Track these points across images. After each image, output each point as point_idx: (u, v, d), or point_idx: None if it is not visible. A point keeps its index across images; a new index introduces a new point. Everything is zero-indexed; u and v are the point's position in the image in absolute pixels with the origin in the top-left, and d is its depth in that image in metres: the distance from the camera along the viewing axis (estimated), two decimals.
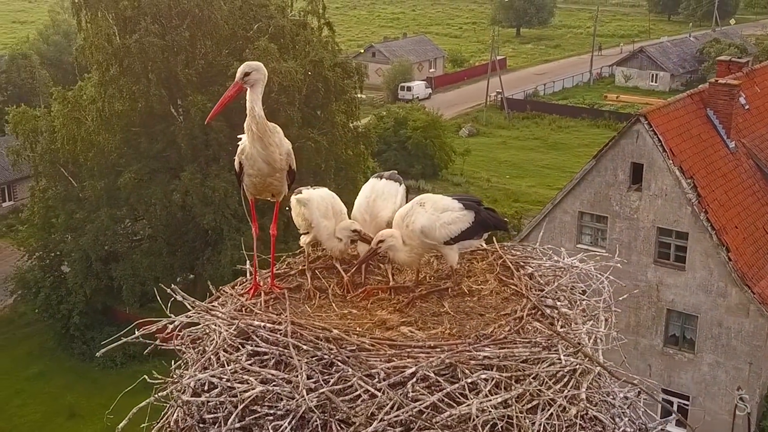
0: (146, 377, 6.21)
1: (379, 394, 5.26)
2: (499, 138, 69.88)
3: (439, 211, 6.77)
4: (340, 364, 5.47)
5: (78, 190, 36.94)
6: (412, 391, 5.30)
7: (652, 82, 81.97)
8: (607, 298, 6.75)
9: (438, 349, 5.62)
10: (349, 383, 5.37)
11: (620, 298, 7.29)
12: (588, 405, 5.65)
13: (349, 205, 7.53)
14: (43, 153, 36.78)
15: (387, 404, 5.21)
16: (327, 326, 5.90)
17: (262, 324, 6.01)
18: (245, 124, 6.45)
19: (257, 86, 6.43)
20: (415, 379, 5.36)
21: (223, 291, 6.97)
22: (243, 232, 32.52)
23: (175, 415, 6.04)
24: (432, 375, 5.37)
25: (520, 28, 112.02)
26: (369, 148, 41.90)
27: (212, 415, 5.72)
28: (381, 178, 7.69)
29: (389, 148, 53.79)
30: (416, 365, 5.42)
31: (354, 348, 5.63)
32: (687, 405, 28.55)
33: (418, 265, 7.07)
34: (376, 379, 5.35)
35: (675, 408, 29.45)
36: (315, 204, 7.13)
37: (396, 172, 7.87)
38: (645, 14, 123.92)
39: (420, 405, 5.21)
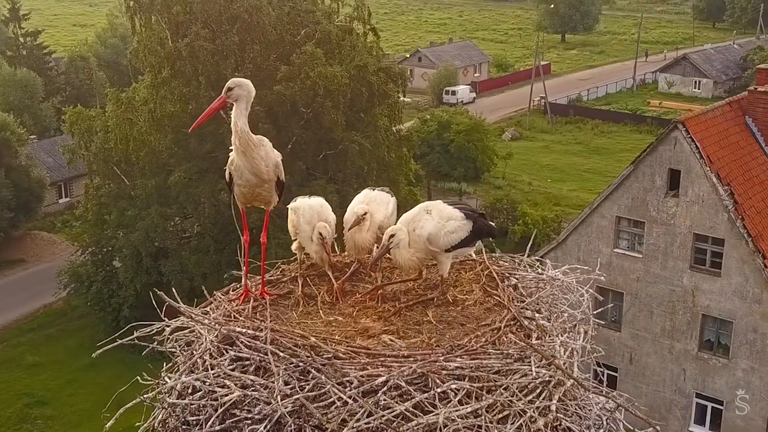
0: (139, 378, 6.32)
1: (351, 401, 5.28)
2: (541, 142, 69.59)
3: (444, 220, 6.87)
4: (313, 371, 5.50)
5: (130, 188, 37.43)
6: (384, 400, 5.31)
7: (695, 88, 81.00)
8: (586, 310, 6.70)
9: (411, 359, 5.62)
10: (324, 390, 5.40)
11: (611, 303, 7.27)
12: (561, 416, 5.60)
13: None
14: (97, 152, 37.32)
15: (358, 412, 5.23)
16: (305, 334, 5.93)
17: (244, 330, 6.08)
18: (232, 139, 6.55)
19: (241, 101, 6.50)
20: (386, 388, 5.37)
21: (218, 296, 7.06)
22: (286, 231, 32.71)
23: (161, 416, 6.12)
24: (403, 384, 5.37)
25: (565, 35, 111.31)
26: (411, 150, 41.97)
27: (195, 417, 5.79)
28: (373, 190, 7.83)
29: (432, 151, 53.63)
30: (388, 374, 5.43)
31: (330, 356, 5.66)
32: (721, 410, 28.29)
33: (418, 269, 7.08)
34: (349, 387, 5.37)
35: (708, 413, 29.19)
36: (301, 210, 7.35)
37: (388, 188, 7.96)
38: (690, 21, 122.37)
39: (388, 413, 5.21)
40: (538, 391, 5.55)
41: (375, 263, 7.04)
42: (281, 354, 5.70)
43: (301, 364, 5.59)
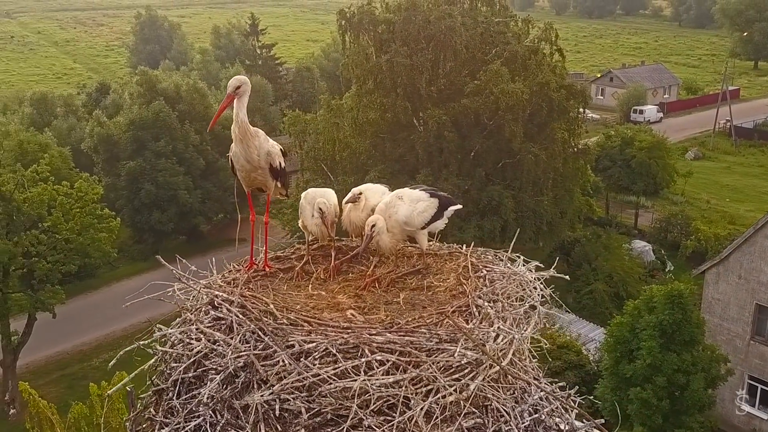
0: (156, 327, 6.65)
1: (287, 362, 5.46)
2: (723, 163, 65.93)
3: (414, 202, 7.16)
4: (261, 334, 5.69)
5: (333, 183, 38.63)
6: (315, 363, 5.44)
7: None
8: (535, 303, 6.48)
9: (349, 331, 5.70)
10: (270, 351, 5.59)
11: None
12: (493, 397, 5.52)
13: None
14: (308, 150, 38.75)
15: (292, 371, 5.39)
16: (267, 302, 6.13)
17: (219, 294, 6.37)
18: (232, 128, 6.79)
19: (244, 97, 6.78)
20: (317, 353, 5.49)
21: (233, 266, 7.42)
22: (463, 230, 32.86)
23: (153, 360, 6.49)
24: (335, 351, 5.47)
25: (758, 62, 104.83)
26: (588, 163, 41.05)
27: (176, 364, 6.09)
28: (374, 185, 8.01)
29: (614, 165, 51.91)
30: (321, 341, 5.56)
31: (282, 322, 5.83)
32: None
33: (395, 250, 7.31)
34: (287, 351, 5.54)
35: None
36: (304, 194, 7.67)
37: (387, 184, 8.09)
38: None
39: (311, 375, 5.33)
40: (465, 371, 5.50)
41: (364, 251, 7.24)
42: (240, 317, 5.94)
43: (252, 326, 5.80)
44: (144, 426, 6.19)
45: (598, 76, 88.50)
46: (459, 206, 7.71)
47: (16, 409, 32.00)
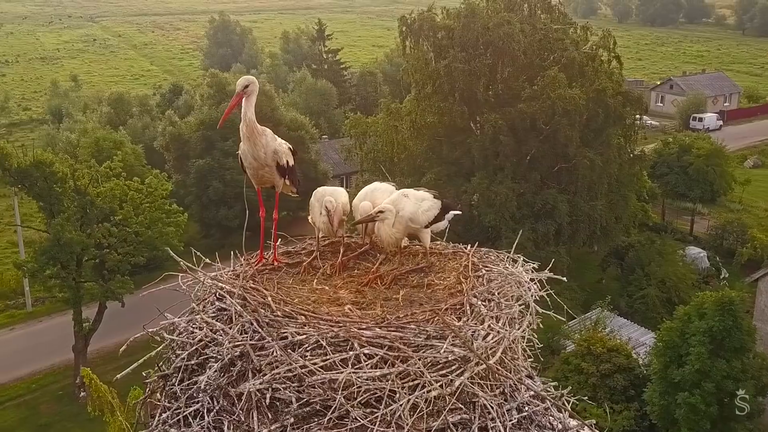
0: (165, 315, 6.68)
1: (278, 353, 5.44)
2: None
3: (420, 201, 7.18)
4: (257, 325, 5.68)
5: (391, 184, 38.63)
6: (306, 355, 5.41)
7: None
8: (528, 301, 6.32)
9: (340, 324, 5.65)
10: (265, 341, 5.58)
11: None
12: (481, 393, 5.40)
13: None
14: (368, 152, 38.86)
15: (283, 362, 5.38)
16: (266, 294, 6.11)
17: (222, 286, 6.39)
18: (240, 126, 6.76)
19: (252, 96, 6.78)
20: (307, 345, 5.47)
21: (244, 259, 7.43)
22: (517, 232, 32.53)
23: (160, 347, 6.55)
24: (324, 344, 5.43)
25: None
26: (643, 169, 40.29)
27: (181, 351, 6.15)
28: (381, 183, 8.03)
29: (671, 172, 50.86)
30: (312, 334, 5.52)
31: (278, 314, 5.81)
32: None
33: (396, 246, 7.26)
34: (279, 341, 5.52)
35: None
36: (314, 193, 7.75)
37: (395, 183, 8.04)
38: None
39: (299, 366, 5.30)
40: (453, 367, 5.42)
41: (359, 223, 7.34)
42: (239, 308, 5.95)
43: (249, 318, 5.80)
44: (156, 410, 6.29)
45: (658, 83, 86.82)
46: (459, 212, 7.81)
47: (85, 392, 32.74)
